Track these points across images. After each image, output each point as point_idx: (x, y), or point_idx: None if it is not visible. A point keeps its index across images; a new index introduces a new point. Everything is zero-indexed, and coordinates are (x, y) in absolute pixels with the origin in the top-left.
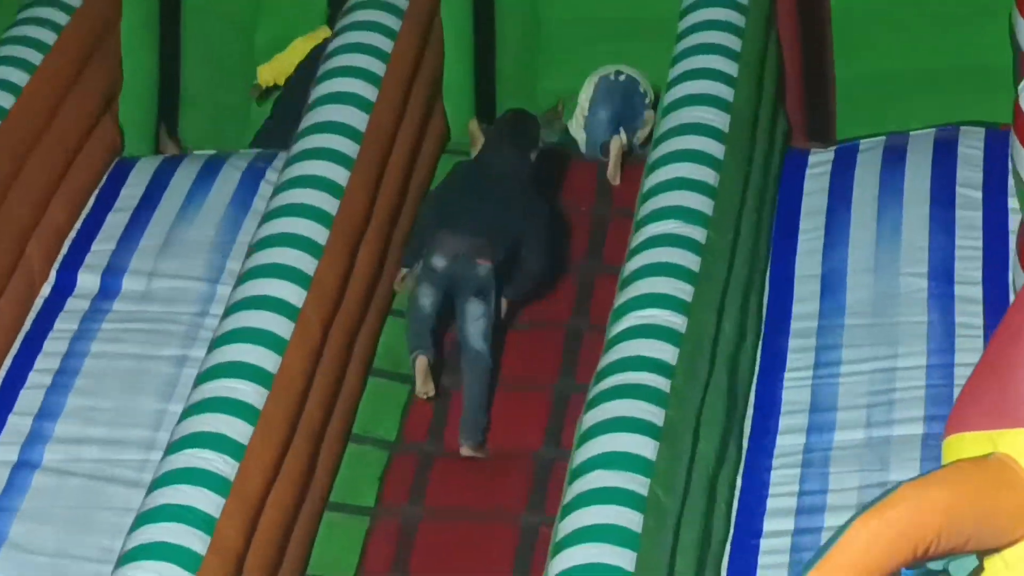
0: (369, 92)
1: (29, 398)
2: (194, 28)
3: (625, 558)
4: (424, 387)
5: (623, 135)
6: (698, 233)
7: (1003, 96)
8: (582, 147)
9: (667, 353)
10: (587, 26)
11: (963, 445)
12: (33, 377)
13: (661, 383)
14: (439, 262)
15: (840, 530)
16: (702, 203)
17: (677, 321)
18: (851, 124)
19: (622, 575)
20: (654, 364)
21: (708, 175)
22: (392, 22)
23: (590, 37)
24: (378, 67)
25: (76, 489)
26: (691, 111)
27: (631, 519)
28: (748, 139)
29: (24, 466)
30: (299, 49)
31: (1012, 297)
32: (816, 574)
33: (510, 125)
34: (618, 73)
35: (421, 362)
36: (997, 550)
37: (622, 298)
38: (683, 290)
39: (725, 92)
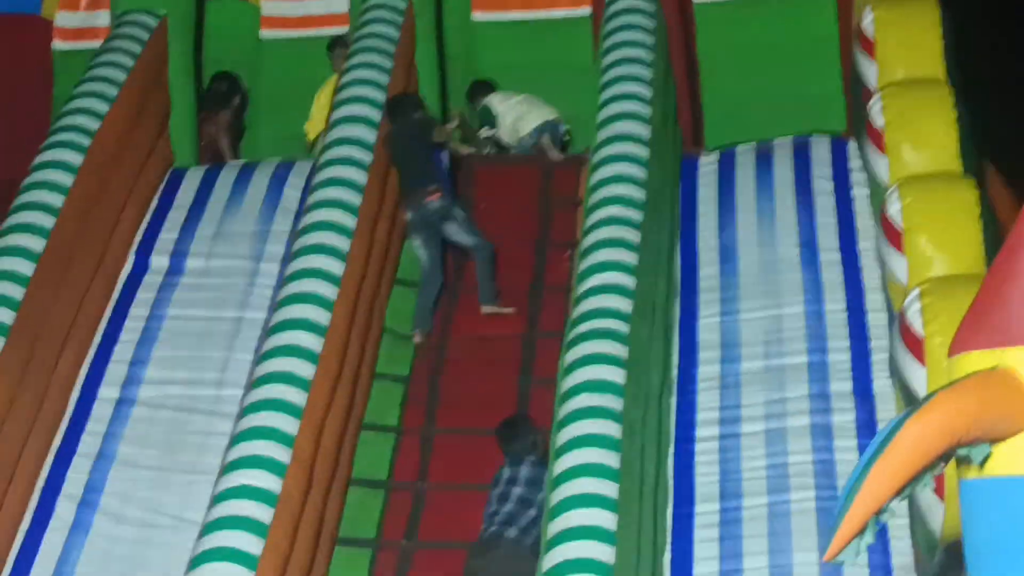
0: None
1: (123, 350)
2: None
3: (611, 457)
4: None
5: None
6: (637, 215)
7: (830, 112)
8: (510, 145)
9: (624, 305)
10: (514, 69)
11: (969, 361)
12: (124, 335)
13: (623, 327)
14: (408, 215)
15: (888, 430)
16: (639, 192)
17: (630, 282)
18: (717, 134)
19: (612, 472)
20: (615, 313)
21: (640, 172)
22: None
23: (519, 78)
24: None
25: (166, 419)
26: (623, 124)
27: (613, 428)
28: (664, 144)
29: (124, 402)
30: (322, 102)
31: (861, 260)
32: (880, 465)
33: (406, 105)
34: (553, 123)
35: (419, 337)
36: (1004, 439)
37: (585, 265)
38: (631, 258)
39: (646, 111)
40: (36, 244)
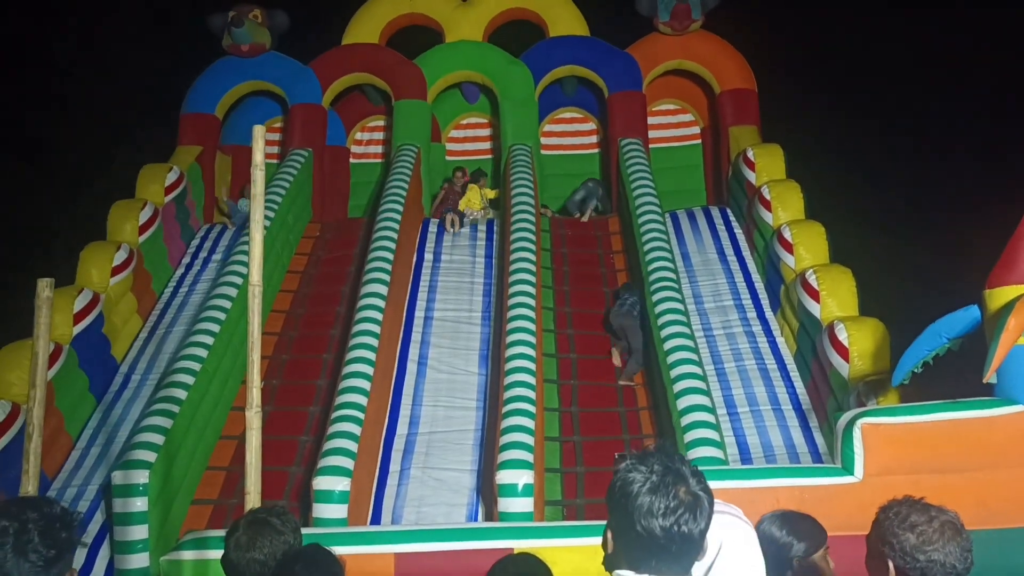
0: None
1: (422, 296)
2: None
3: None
4: None
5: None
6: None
7: (700, 197)
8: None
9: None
10: (561, 177)
11: (1003, 293)
12: (420, 289)
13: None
14: (567, 203)
15: (1003, 321)
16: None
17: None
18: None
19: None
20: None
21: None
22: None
23: (564, 181)
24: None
25: (449, 326)
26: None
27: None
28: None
29: (428, 318)
30: (469, 195)
31: (747, 260)
32: (1004, 335)
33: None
34: (590, 181)
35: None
36: None
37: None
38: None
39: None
40: (389, 253)
